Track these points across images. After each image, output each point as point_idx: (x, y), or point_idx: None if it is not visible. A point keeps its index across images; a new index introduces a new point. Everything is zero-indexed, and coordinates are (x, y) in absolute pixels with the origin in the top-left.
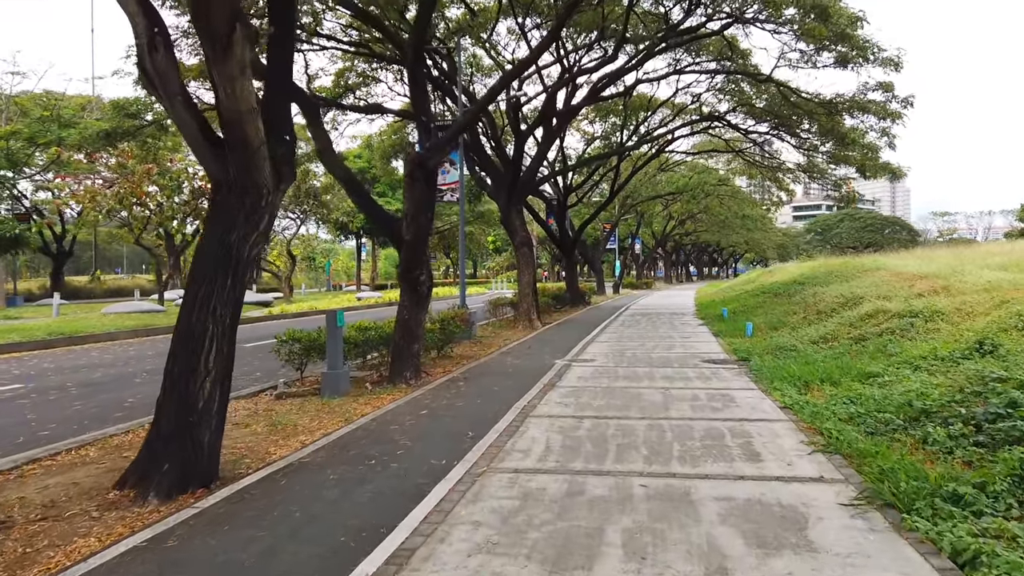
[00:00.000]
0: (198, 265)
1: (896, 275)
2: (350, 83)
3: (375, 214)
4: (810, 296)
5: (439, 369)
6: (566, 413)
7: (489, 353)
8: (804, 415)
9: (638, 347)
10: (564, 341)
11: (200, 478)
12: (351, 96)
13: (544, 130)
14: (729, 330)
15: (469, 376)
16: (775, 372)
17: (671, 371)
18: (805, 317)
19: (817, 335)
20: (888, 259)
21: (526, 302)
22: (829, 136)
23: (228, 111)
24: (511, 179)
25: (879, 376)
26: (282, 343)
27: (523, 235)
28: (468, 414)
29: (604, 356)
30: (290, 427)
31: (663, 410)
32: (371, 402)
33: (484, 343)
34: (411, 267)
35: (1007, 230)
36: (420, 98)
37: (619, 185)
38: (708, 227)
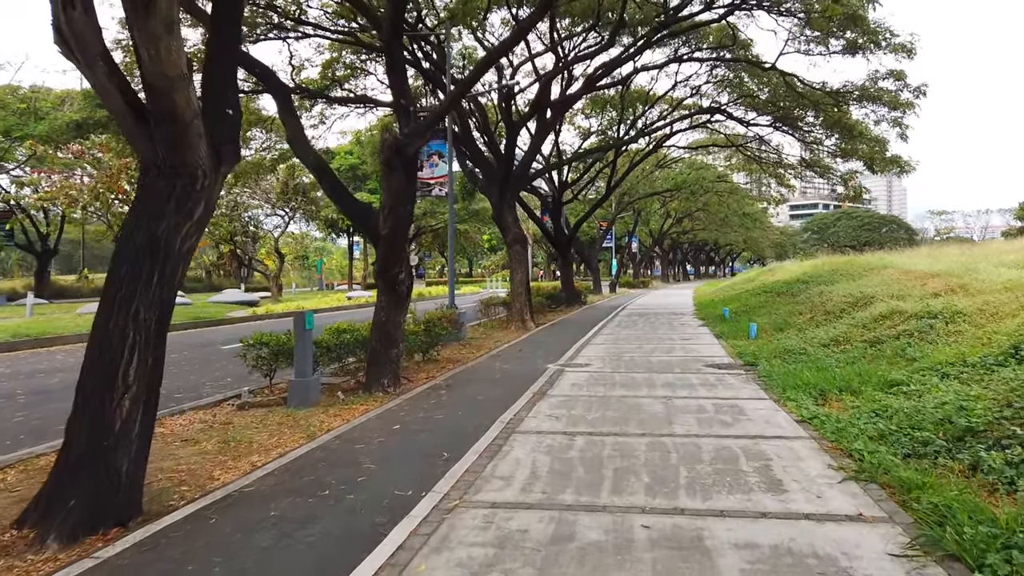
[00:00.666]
0: (119, 260)
1: (905, 273)
2: (338, 75)
3: (349, 206)
4: (816, 295)
5: (422, 374)
6: (556, 428)
7: (478, 356)
8: (826, 431)
9: (636, 350)
10: (558, 343)
11: (116, 514)
12: (339, 89)
13: (538, 122)
14: (732, 331)
15: (453, 383)
16: (787, 379)
17: (672, 377)
18: (812, 318)
19: (827, 337)
20: (893, 257)
21: (519, 302)
22: (835, 128)
23: (153, 76)
24: (503, 174)
25: (903, 384)
26: (248, 347)
27: (516, 232)
28: (446, 429)
29: (600, 360)
30: (244, 444)
31: (666, 425)
32: (341, 414)
33: (474, 345)
34: (388, 264)
35: (1004, 229)
36: (399, 79)
37: (616, 181)
38: (706, 225)
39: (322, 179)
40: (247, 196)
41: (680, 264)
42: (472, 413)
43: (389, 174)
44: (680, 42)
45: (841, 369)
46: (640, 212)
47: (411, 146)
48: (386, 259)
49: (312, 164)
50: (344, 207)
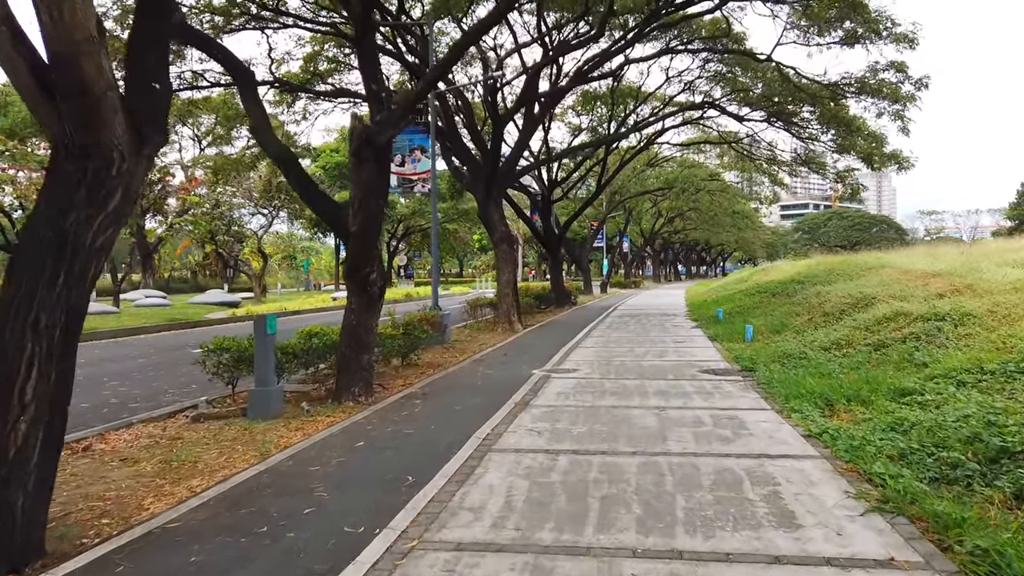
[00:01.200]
0: (18, 259)
1: (904, 273)
2: (320, 69)
3: (316, 201)
4: (813, 296)
5: (399, 381)
6: (538, 445)
7: (460, 361)
8: (839, 449)
9: (627, 354)
10: (545, 346)
11: (9, 558)
12: (321, 83)
13: (525, 116)
14: (726, 333)
15: (431, 391)
16: (789, 387)
17: (666, 385)
18: (811, 319)
19: (828, 340)
20: (890, 257)
21: (506, 303)
22: (833, 123)
23: (56, 41)
24: (489, 170)
25: (917, 394)
26: (208, 353)
27: (502, 231)
28: (415, 446)
29: (589, 365)
30: (188, 465)
31: (659, 441)
32: (304, 427)
33: (458, 348)
34: (359, 264)
35: (994, 229)
36: (370, 62)
37: (606, 179)
38: (698, 225)
39: (288, 171)
40: (229, 195)
41: (671, 264)
42: (447, 426)
43: (359, 165)
44: (672, 35)
45: (846, 376)
46: (631, 211)
47: (383, 135)
48: (356, 258)
49: (276, 155)
50: (311, 202)
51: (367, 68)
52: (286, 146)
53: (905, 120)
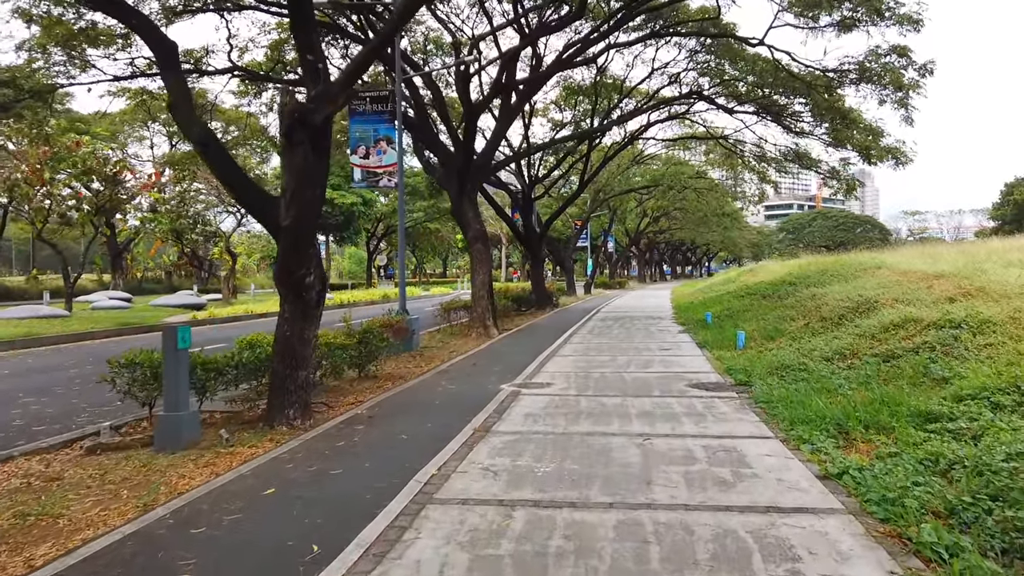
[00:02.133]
0: None
1: (903, 274)
2: (287, 58)
3: (240, 189)
4: (808, 299)
5: (350, 398)
6: (491, 493)
7: (424, 372)
8: (868, 499)
9: (608, 363)
10: (520, 354)
11: None
12: (289, 72)
13: (502, 107)
14: (716, 340)
15: (380, 412)
16: (793, 408)
17: (651, 404)
18: (807, 325)
19: (830, 350)
20: (885, 256)
21: (480, 306)
22: (828, 115)
23: None
24: (462, 163)
25: (946, 419)
26: (119, 369)
27: (477, 229)
28: (336, 496)
29: (565, 378)
30: (47, 521)
31: (642, 486)
32: (216, 462)
33: (426, 356)
34: (292, 264)
35: (977, 229)
36: (304, 28)
37: (589, 176)
38: (683, 224)
39: (207, 154)
40: (196, 192)
41: (657, 264)
42: (384, 464)
43: (291, 149)
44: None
45: (856, 393)
46: (616, 210)
47: (319, 112)
48: (289, 258)
49: (196, 138)
50: (234, 189)
51: (301, 35)
52: (208, 128)
53: (909, 108)
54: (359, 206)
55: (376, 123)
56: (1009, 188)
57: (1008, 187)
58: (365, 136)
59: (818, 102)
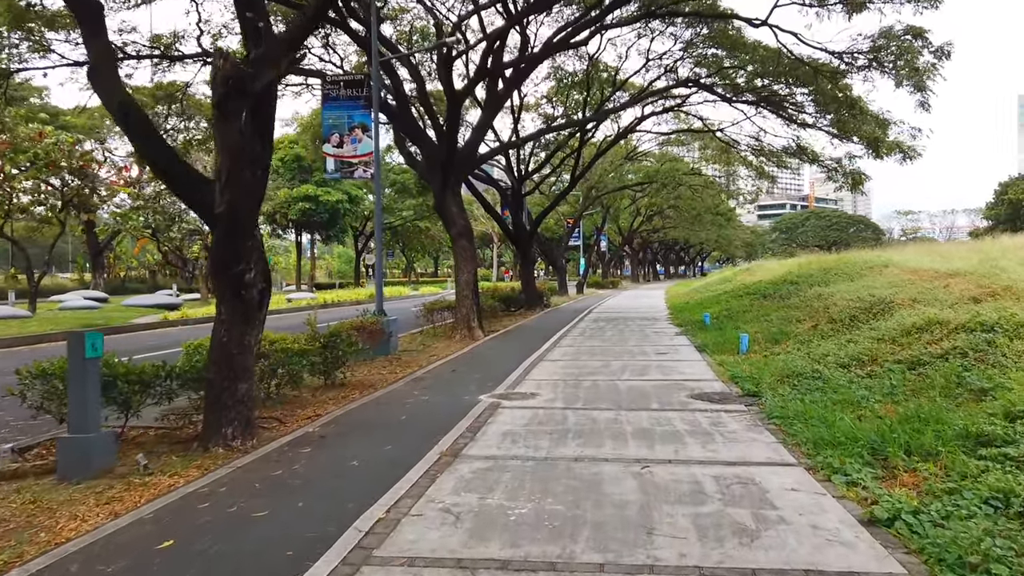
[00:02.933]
0: None
1: (913, 273)
2: None
3: (167, 167)
4: (813, 299)
5: (308, 410)
6: (447, 550)
7: (398, 379)
8: (942, 565)
9: (600, 370)
10: (505, 359)
11: None
12: None
13: (488, 94)
14: (716, 343)
15: (336, 430)
16: (813, 426)
17: (648, 419)
18: (815, 326)
19: (845, 355)
20: (890, 254)
21: (464, 306)
22: (833, 104)
23: None
24: (445, 154)
25: (1003, 442)
26: (29, 380)
27: (461, 224)
28: (248, 551)
29: (552, 387)
30: None
31: (642, 537)
32: (125, 496)
33: (403, 360)
34: (228, 258)
35: (971, 229)
36: None
37: (581, 172)
38: (677, 223)
39: (127, 125)
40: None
41: (650, 264)
42: (322, 503)
43: (224, 122)
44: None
45: (883, 407)
46: (609, 208)
47: (259, 79)
48: (224, 250)
49: (116, 106)
50: (159, 169)
51: None
52: (130, 97)
53: (926, 93)
54: (345, 204)
55: (351, 109)
56: (1004, 187)
57: (1003, 186)
58: (339, 123)
59: (823, 90)
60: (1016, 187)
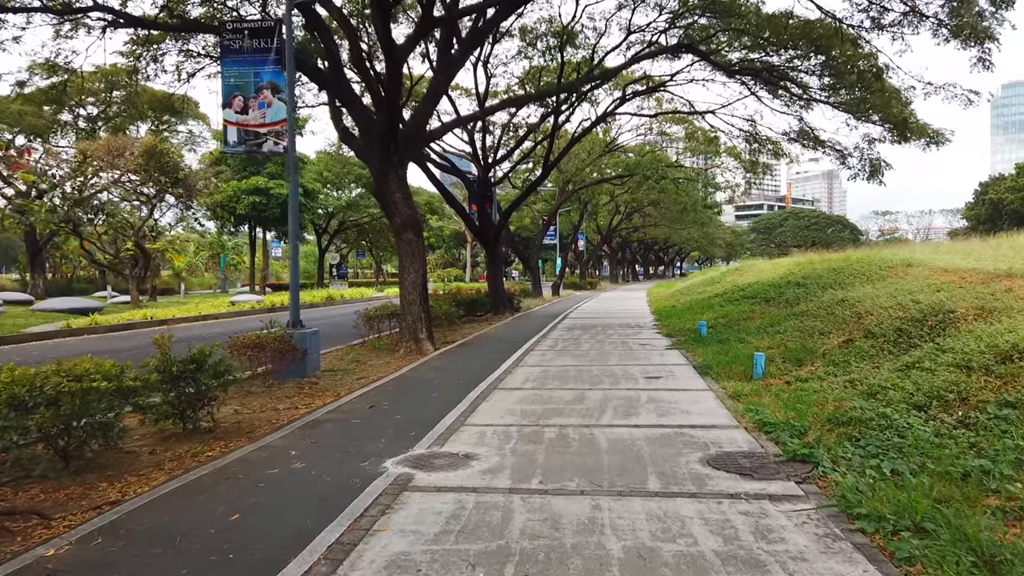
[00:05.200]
0: None
1: (950, 273)
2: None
3: None
4: (833, 305)
5: (104, 491)
6: None
7: (291, 420)
8: None
9: (572, 405)
10: (447, 387)
11: None
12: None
13: (439, 53)
14: (720, 361)
15: (89, 554)
16: (948, 550)
17: (647, 519)
18: (849, 342)
19: (915, 389)
20: (910, 252)
21: (411, 314)
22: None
23: None
24: (385, 127)
25: None
26: None
27: (406, 214)
28: None
29: (500, 441)
30: None
31: None
32: None
33: (319, 387)
34: None
35: (950, 229)
36: None
37: (555, 158)
38: (658, 221)
39: None
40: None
41: (630, 264)
42: None
43: None
44: None
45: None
46: (586, 204)
47: None
48: None
49: None
50: None
51: None
52: None
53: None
54: (299, 197)
55: (258, 65)
56: (984, 187)
57: (983, 186)
58: (243, 83)
59: (843, 58)
60: (997, 187)
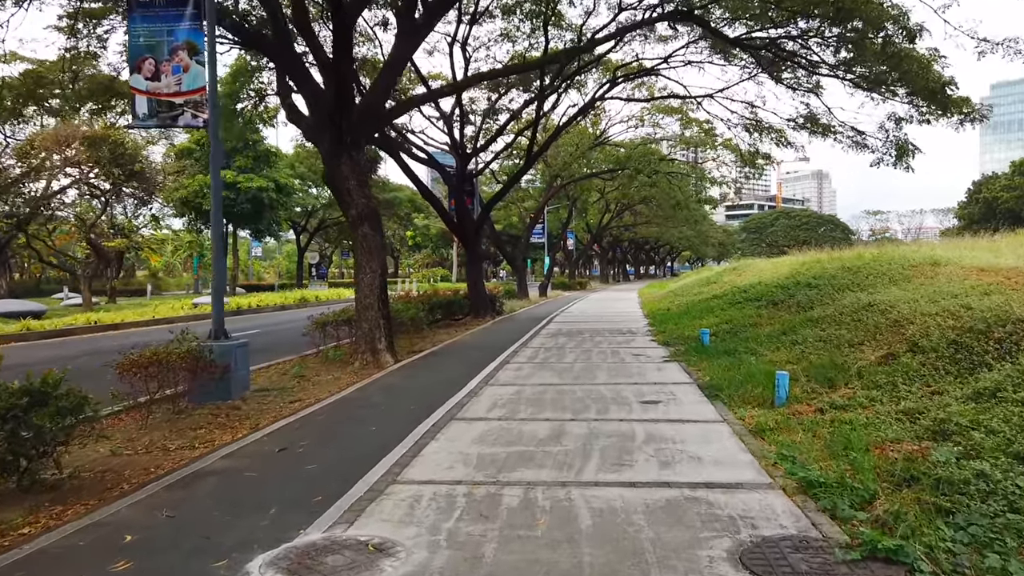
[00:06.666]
0: None
1: (988, 272)
2: None
3: None
4: (859, 310)
5: None
6: None
7: (174, 468)
8: None
9: (545, 453)
10: (393, 417)
11: None
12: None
13: (400, 20)
14: (730, 379)
15: None
16: None
17: None
18: (890, 356)
19: (1015, 432)
20: (933, 250)
21: (367, 320)
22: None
23: None
24: (333, 101)
25: None
26: None
27: (362, 204)
28: None
29: (437, 517)
30: None
31: None
32: None
33: (241, 413)
34: None
35: (942, 229)
36: None
37: (541, 146)
38: (650, 219)
39: None
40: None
41: (620, 264)
42: None
43: None
44: None
45: None
46: (575, 201)
47: None
48: None
49: None
50: None
51: None
52: None
53: None
54: (270, 192)
55: (173, 22)
56: (977, 186)
57: (976, 185)
58: (154, 43)
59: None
60: (991, 185)
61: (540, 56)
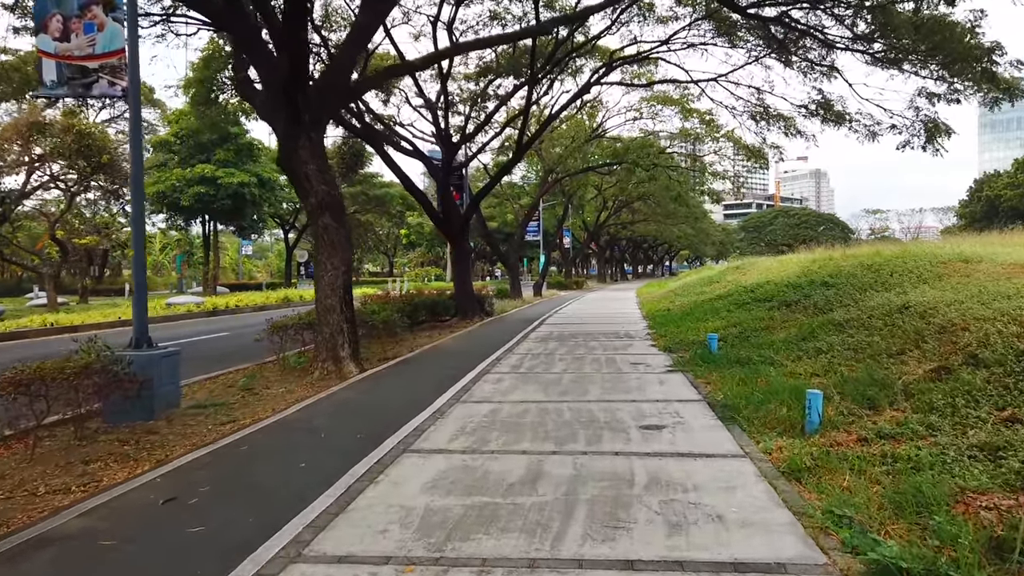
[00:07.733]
0: None
1: None
2: None
3: None
4: (896, 314)
5: None
6: None
7: (14, 530)
8: None
9: (515, 508)
10: (332, 448)
11: None
12: None
13: None
14: (747, 397)
15: None
16: None
17: None
18: (943, 370)
19: None
20: (962, 247)
21: (329, 324)
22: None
23: None
24: (288, 73)
25: None
26: None
27: (322, 192)
28: None
29: None
30: None
31: None
32: None
33: (160, 436)
34: None
35: (943, 228)
36: None
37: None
38: (648, 216)
39: None
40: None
41: (618, 263)
42: None
43: None
44: None
45: None
46: (571, 197)
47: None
48: None
49: None
50: None
51: None
52: None
53: None
54: (252, 188)
55: None
56: (979, 184)
57: (977, 183)
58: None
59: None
60: (993, 184)
61: (532, 42)
